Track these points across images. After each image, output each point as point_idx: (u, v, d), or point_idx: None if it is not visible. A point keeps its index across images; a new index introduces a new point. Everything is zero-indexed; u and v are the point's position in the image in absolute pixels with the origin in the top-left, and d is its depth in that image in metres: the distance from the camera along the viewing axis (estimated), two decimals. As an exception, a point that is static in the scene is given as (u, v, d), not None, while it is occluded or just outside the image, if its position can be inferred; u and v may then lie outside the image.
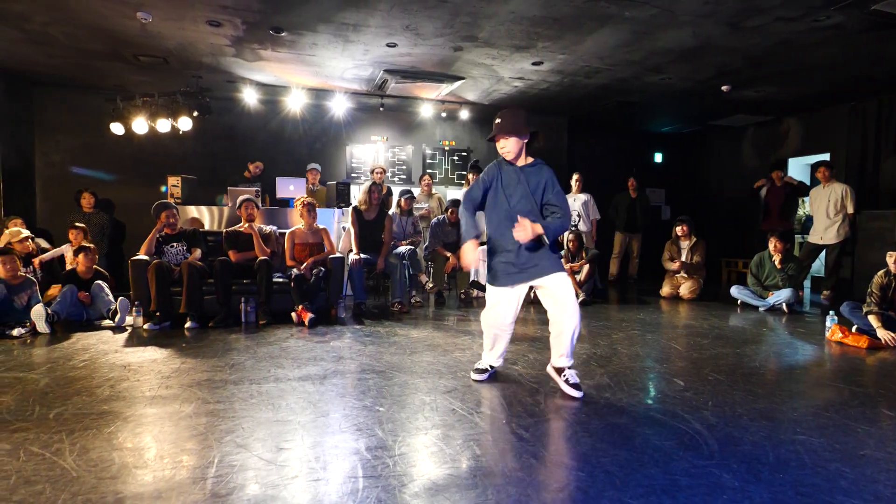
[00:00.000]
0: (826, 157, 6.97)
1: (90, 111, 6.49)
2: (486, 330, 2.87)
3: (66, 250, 5.03)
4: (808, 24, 4.20)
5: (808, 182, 7.88)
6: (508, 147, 2.66)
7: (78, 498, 1.62)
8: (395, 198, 6.15)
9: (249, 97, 6.40)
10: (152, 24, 4.41)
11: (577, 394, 2.61)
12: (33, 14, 4.27)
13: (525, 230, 2.51)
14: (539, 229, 2.54)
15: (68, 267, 4.68)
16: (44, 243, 5.30)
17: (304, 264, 4.59)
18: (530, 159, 2.73)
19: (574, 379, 2.66)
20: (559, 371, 2.72)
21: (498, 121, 2.66)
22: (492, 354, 2.92)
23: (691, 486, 1.73)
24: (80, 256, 4.47)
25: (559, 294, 2.63)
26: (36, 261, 4.70)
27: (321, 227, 4.96)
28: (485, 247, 5.90)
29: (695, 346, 3.77)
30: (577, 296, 5.60)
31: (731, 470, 1.85)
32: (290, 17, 4.29)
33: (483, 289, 5.93)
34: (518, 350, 3.53)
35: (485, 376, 2.88)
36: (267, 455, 1.92)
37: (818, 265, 6.84)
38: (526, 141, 2.69)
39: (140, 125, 5.97)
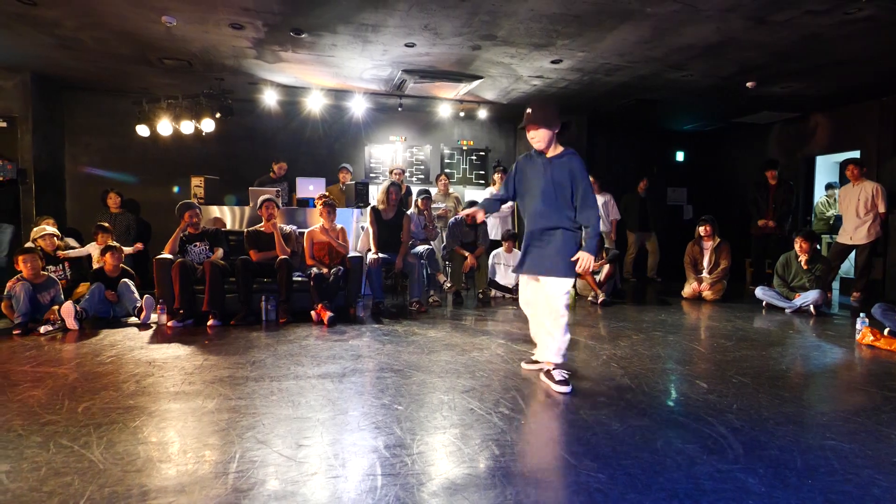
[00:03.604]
0: (856, 154, 6.75)
1: (117, 114, 6.66)
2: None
3: (93, 250, 5.17)
4: (838, 16, 4.08)
5: (838, 181, 7.66)
6: (538, 137, 2.68)
7: (105, 490, 1.65)
8: (413, 197, 6.17)
9: (270, 98, 6.49)
10: (177, 28, 4.50)
11: (564, 389, 2.64)
12: (64, 20, 4.40)
13: (585, 263, 2.60)
14: (591, 262, 2.61)
15: (95, 266, 4.80)
16: (73, 242, 5.45)
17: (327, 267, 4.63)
18: (560, 149, 2.72)
19: (560, 377, 2.70)
20: (542, 368, 2.83)
21: (529, 111, 2.67)
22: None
23: (716, 491, 1.69)
24: (107, 256, 4.59)
25: (547, 296, 2.71)
26: (61, 254, 4.84)
27: (339, 226, 4.99)
28: (497, 251, 5.98)
29: (718, 347, 3.69)
30: (598, 296, 5.56)
31: (757, 475, 1.80)
32: (310, 19, 4.34)
33: (500, 288, 5.94)
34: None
35: (534, 366, 2.94)
36: (287, 451, 1.94)
37: (847, 266, 6.64)
38: (556, 132, 2.69)
39: (164, 127, 6.10)
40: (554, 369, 2.74)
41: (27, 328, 3.92)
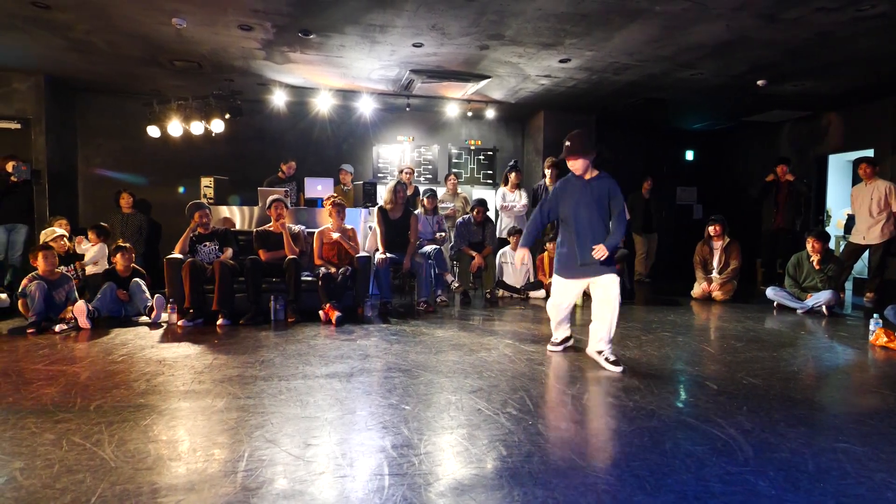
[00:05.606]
0: (869, 153, 6.66)
1: (128, 115, 6.73)
2: (551, 312, 3.45)
3: (98, 251, 5.21)
4: (850, 13, 4.02)
5: (850, 183, 7.56)
6: (577, 165, 3.19)
7: (116, 487, 1.67)
8: (421, 197, 6.17)
9: (279, 99, 6.53)
10: (187, 30, 4.54)
11: (617, 369, 3.04)
12: (76, 23, 4.46)
13: (601, 251, 3.07)
14: (604, 252, 3.08)
15: (87, 263, 4.88)
16: (84, 243, 5.51)
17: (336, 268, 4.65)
18: (596, 172, 3.22)
19: (612, 356, 3.12)
20: (599, 352, 3.18)
21: (567, 143, 3.17)
22: (560, 331, 3.49)
23: (725, 493, 1.68)
24: (118, 256, 4.64)
25: (607, 289, 3.14)
26: (82, 265, 4.96)
27: (348, 227, 5.01)
28: (504, 249, 5.97)
29: (728, 348, 3.66)
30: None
31: (767, 478, 1.79)
32: (318, 20, 4.35)
33: (508, 288, 5.93)
34: (544, 351, 3.49)
35: (560, 347, 3.50)
36: (295, 451, 1.95)
37: (861, 266, 6.55)
38: (592, 158, 3.19)
39: (175, 128, 6.16)
40: (608, 352, 3.14)
41: (41, 327, 3.98)
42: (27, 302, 4.09)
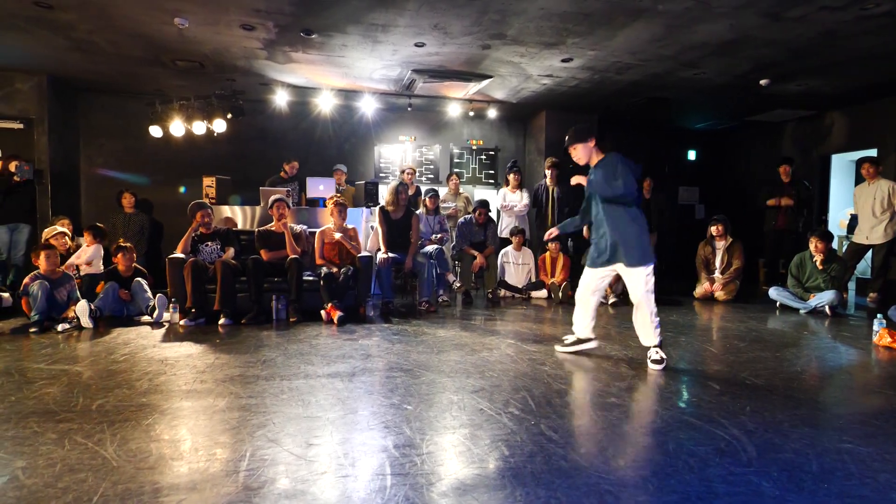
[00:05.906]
0: (872, 153, 6.63)
1: (131, 115, 6.74)
2: (577, 301, 3.37)
3: (92, 251, 5.20)
4: (855, 12, 4.01)
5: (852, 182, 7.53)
6: (577, 154, 3.23)
7: (118, 487, 1.67)
8: (422, 197, 6.17)
9: (281, 99, 6.53)
10: (189, 30, 4.54)
11: (655, 368, 3.05)
12: (79, 23, 4.46)
13: (577, 178, 3.18)
14: (582, 180, 3.16)
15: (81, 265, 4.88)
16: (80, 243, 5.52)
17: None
18: (602, 156, 3.22)
19: (656, 356, 3.09)
20: (648, 348, 3.17)
21: (566, 137, 3.25)
22: (580, 326, 3.38)
23: (729, 494, 1.67)
24: (119, 256, 4.65)
25: (629, 287, 3.14)
26: (72, 261, 4.94)
27: (350, 226, 5.01)
28: (505, 249, 5.97)
29: (731, 349, 3.64)
30: (608, 297, 5.52)
31: (771, 478, 1.78)
32: (320, 20, 4.35)
33: (510, 288, 5.92)
34: (546, 351, 3.49)
35: (570, 349, 3.41)
36: (297, 450, 1.95)
37: (864, 266, 6.53)
38: (592, 144, 3.21)
39: (177, 128, 6.17)
40: (653, 352, 3.11)
41: (43, 326, 3.98)
42: (29, 301, 4.09)
